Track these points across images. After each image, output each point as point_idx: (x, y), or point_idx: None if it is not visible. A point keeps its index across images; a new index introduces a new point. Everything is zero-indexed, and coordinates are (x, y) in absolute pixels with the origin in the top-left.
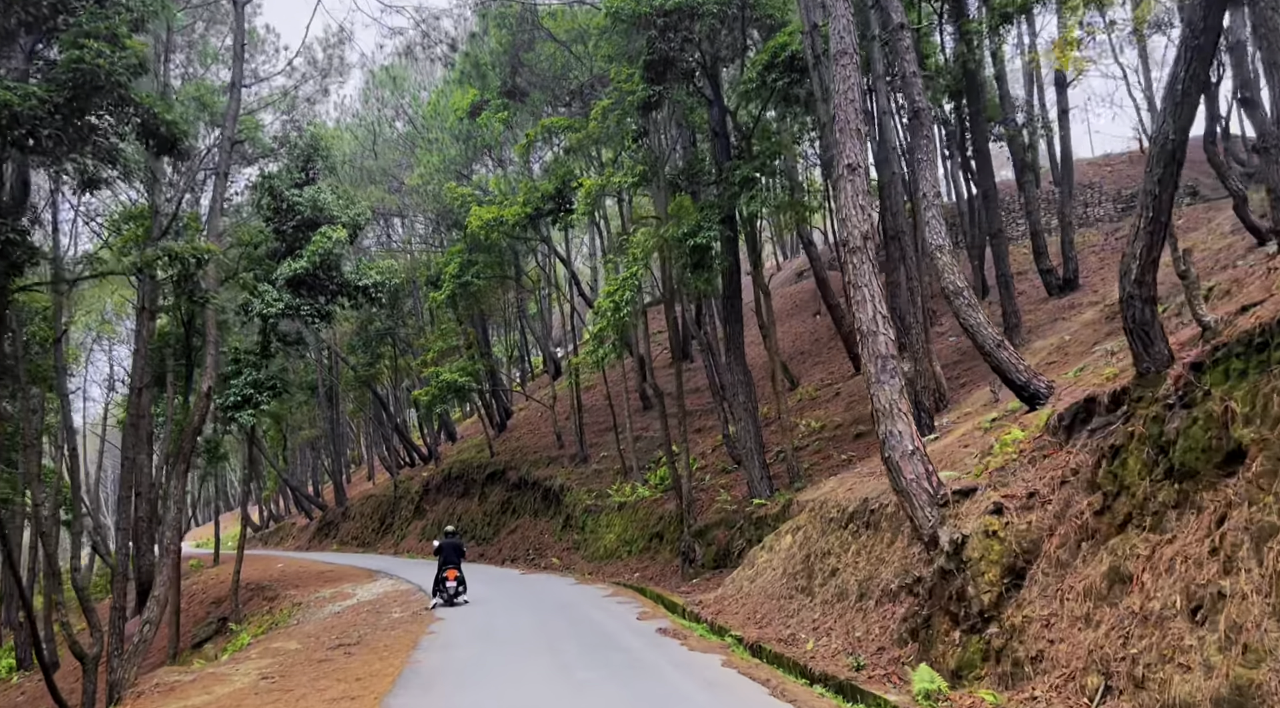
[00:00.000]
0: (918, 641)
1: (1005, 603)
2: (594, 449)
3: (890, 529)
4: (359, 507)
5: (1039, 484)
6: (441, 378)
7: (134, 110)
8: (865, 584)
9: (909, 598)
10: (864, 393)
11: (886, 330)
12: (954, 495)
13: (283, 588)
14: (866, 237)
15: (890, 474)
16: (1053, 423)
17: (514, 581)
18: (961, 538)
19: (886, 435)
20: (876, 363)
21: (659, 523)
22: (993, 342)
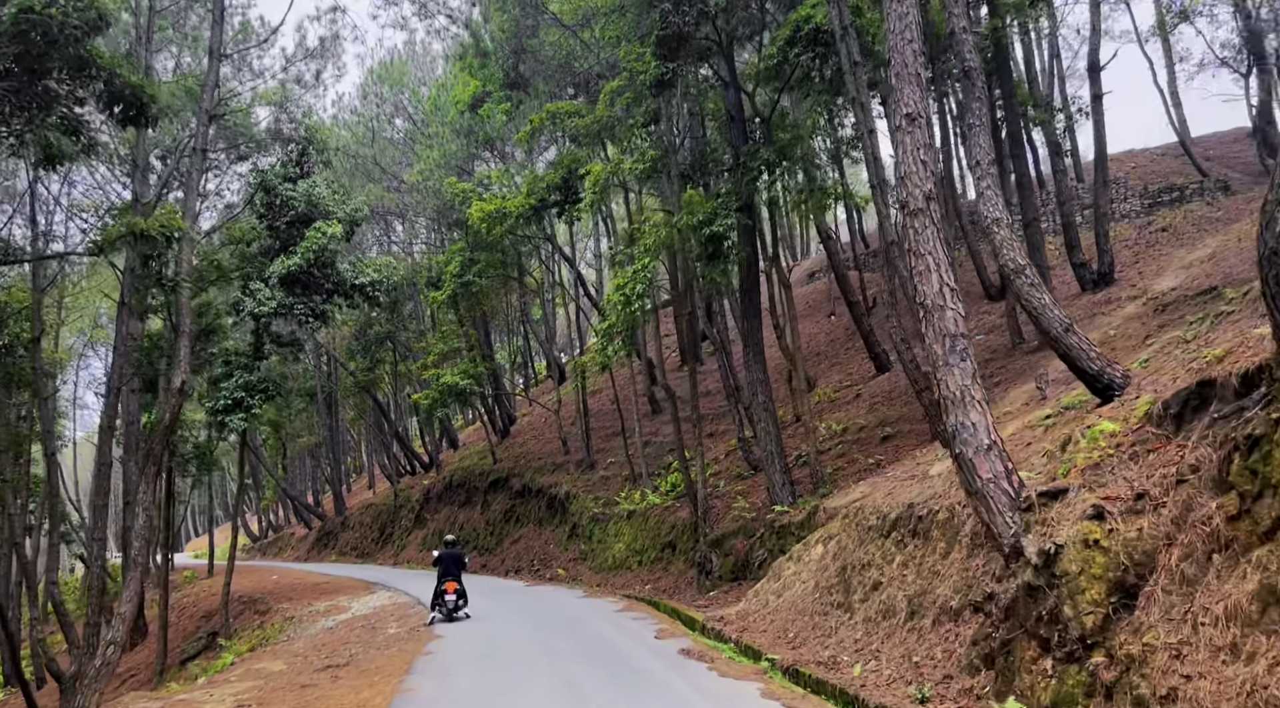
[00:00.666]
0: (994, 668)
1: (1114, 627)
2: (601, 455)
3: (944, 538)
4: (358, 516)
5: (1147, 484)
6: (442, 381)
7: (95, 72)
8: (917, 600)
9: (977, 618)
10: (888, 394)
11: (955, 305)
12: (1039, 498)
13: (276, 601)
14: (929, 197)
15: (961, 473)
16: (1156, 412)
17: (518, 593)
18: (1054, 549)
19: (957, 428)
20: (944, 343)
21: (671, 532)
22: (1060, 325)
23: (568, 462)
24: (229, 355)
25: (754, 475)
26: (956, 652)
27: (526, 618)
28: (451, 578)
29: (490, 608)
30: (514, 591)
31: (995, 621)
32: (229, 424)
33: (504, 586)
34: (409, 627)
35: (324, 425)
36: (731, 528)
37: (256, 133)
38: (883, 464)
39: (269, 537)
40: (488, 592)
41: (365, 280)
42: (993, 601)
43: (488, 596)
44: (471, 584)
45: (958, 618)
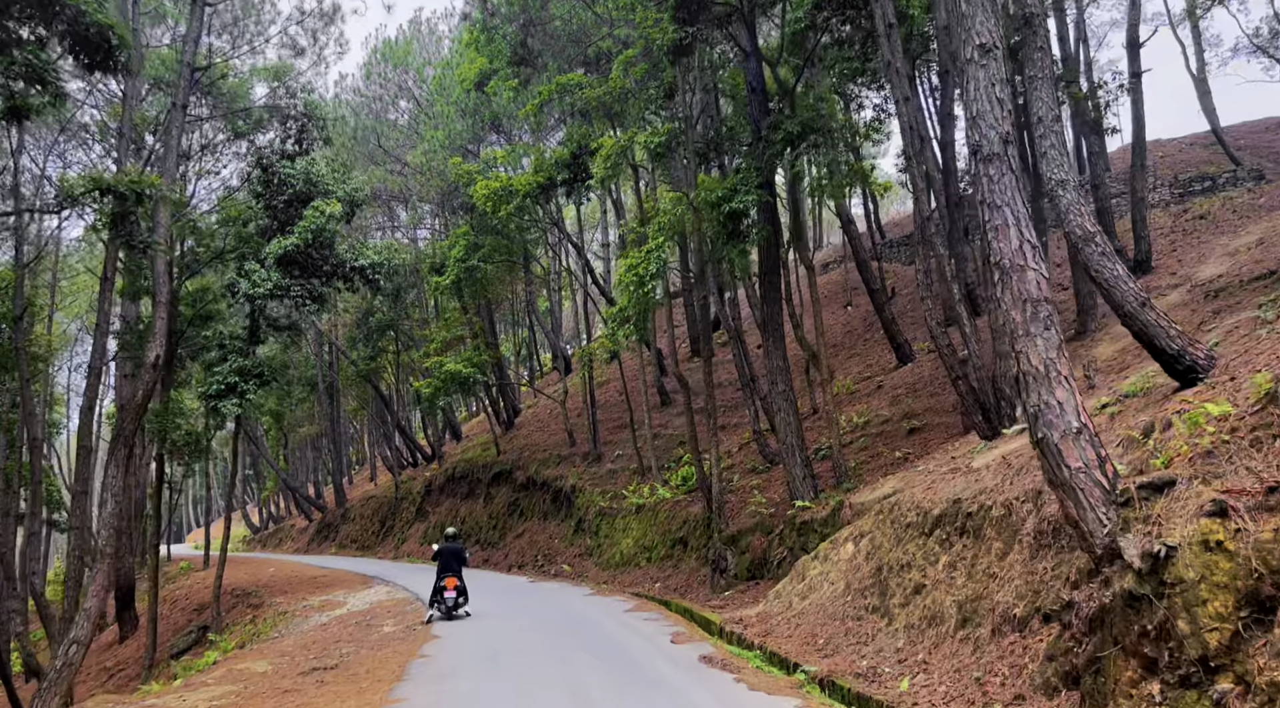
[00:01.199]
0: (1079, 689)
1: (1246, 647)
2: (608, 447)
3: (1000, 537)
4: (359, 508)
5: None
6: (445, 368)
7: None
8: (969, 607)
9: (1049, 629)
10: (912, 386)
11: (1038, 265)
12: (1140, 492)
13: (270, 595)
14: (1007, 140)
15: (1045, 461)
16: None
17: (522, 590)
18: (1164, 551)
19: (1040, 409)
20: (1024, 309)
21: (682, 528)
22: (1136, 300)
23: (574, 454)
24: (223, 339)
25: (770, 469)
26: (1027, 668)
27: (531, 618)
28: (451, 574)
29: (492, 606)
30: (517, 587)
31: (1077, 634)
32: (222, 410)
33: (507, 582)
34: (406, 625)
35: (325, 416)
36: (748, 524)
37: (253, 107)
38: (910, 458)
39: (269, 528)
40: (490, 589)
41: (365, 263)
42: (1073, 610)
43: (490, 593)
44: (473, 580)
45: (1023, 628)
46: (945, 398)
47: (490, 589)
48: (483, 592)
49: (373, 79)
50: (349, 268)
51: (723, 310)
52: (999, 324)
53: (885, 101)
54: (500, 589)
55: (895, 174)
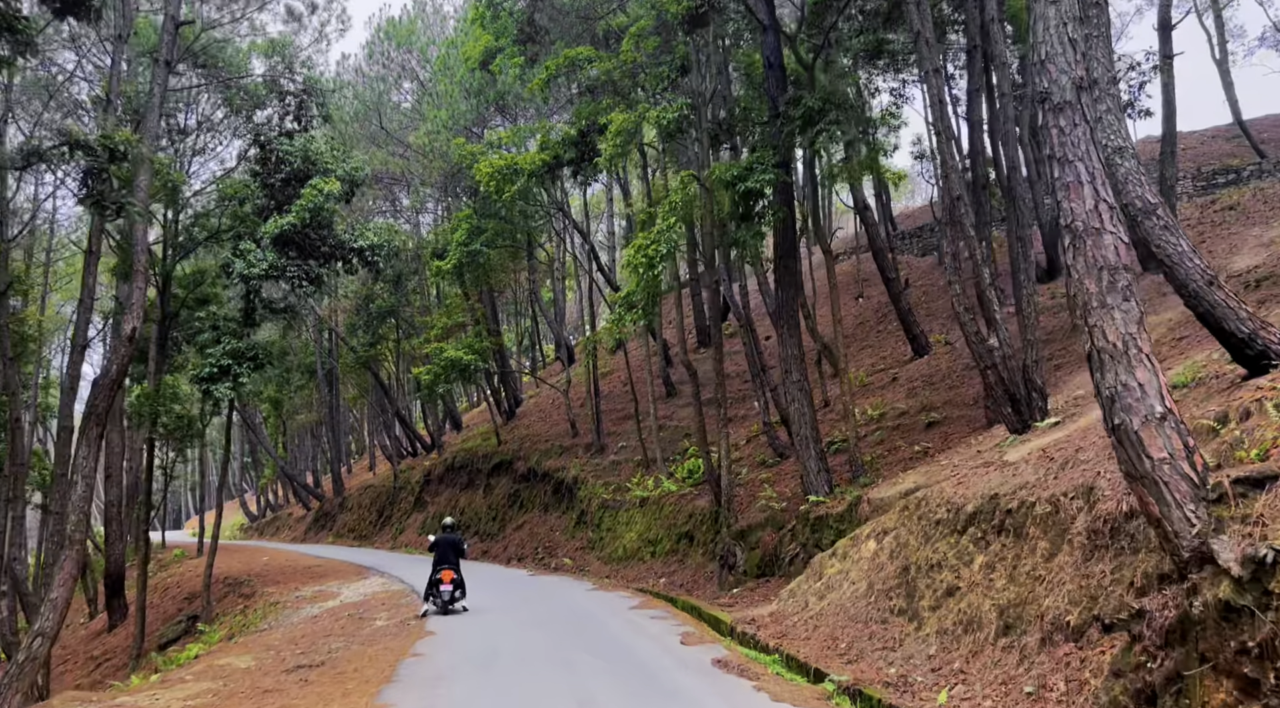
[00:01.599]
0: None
1: None
2: (612, 438)
3: (1047, 536)
4: (357, 498)
5: None
6: (445, 355)
7: None
8: (1012, 612)
9: (1113, 639)
10: (928, 378)
11: (1115, 228)
12: (1235, 487)
13: (262, 585)
14: (1080, 86)
15: (1122, 451)
16: None
17: (521, 584)
18: (1272, 555)
19: (1117, 391)
20: (1099, 278)
21: (688, 522)
22: (1202, 277)
23: (576, 445)
24: (217, 321)
25: (779, 463)
26: (1088, 683)
27: (531, 614)
28: (448, 566)
29: (491, 600)
30: (517, 581)
31: (1151, 647)
32: (214, 393)
33: (506, 575)
34: (400, 619)
35: (324, 403)
36: (758, 519)
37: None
38: (931, 452)
39: (267, 516)
40: (489, 582)
41: (364, 244)
42: (1144, 620)
43: (488, 586)
44: (471, 573)
45: (1079, 638)
46: (965, 391)
47: (489, 582)
48: (481, 585)
49: (375, 59)
50: (348, 249)
51: (733, 298)
52: (1074, 291)
53: (902, 86)
54: (499, 582)
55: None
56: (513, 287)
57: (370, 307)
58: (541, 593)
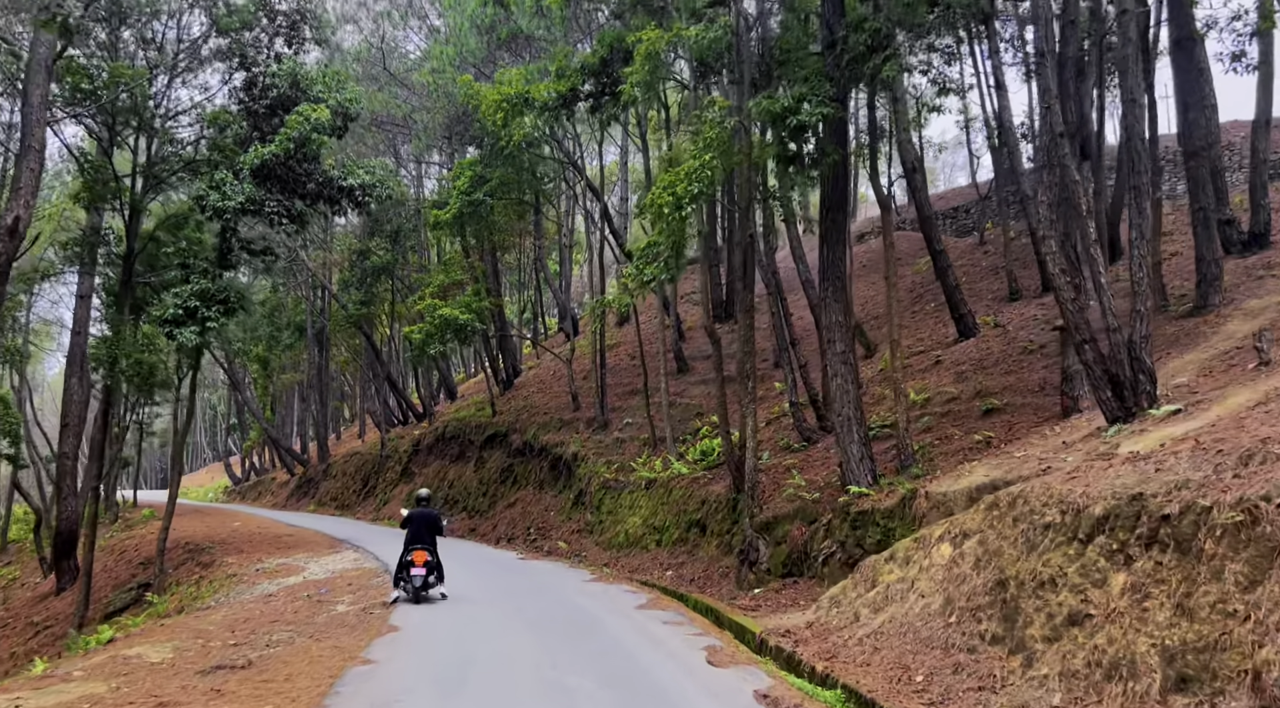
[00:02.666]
0: None
1: None
2: (616, 415)
3: (1240, 556)
4: (342, 465)
5: None
6: (439, 313)
7: None
8: (1191, 660)
9: None
10: (979, 362)
11: None
12: None
13: (225, 553)
14: None
15: None
16: None
17: (510, 569)
18: None
19: None
20: None
21: (700, 509)
22: None
23: (577, 419)
24: (187, 258)
25: (807, 448)
26: None
27: (518, 609)
28: (422, 546)
29: (472, 588)
30: (505, 565)
31: None
32: (179, 338)
33: (493, 557)
34: (364, 605)
35: (313, 364)
36: (785, 510)
37: None
38: (995, 442)
39: (250, 480)
40: (473, 564)
41: (355, 183)
42: None
43: (472, 570)
44: (456, 553)
45: None
46: (1026, 376)
47: (473, 565)
48: (464, 568)
49: None
50: (336, 187)
51: (759, 259)
52: None
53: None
54: (485, 566)
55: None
56: (517, 250)
57: (365, 262)
58: (533, 582)
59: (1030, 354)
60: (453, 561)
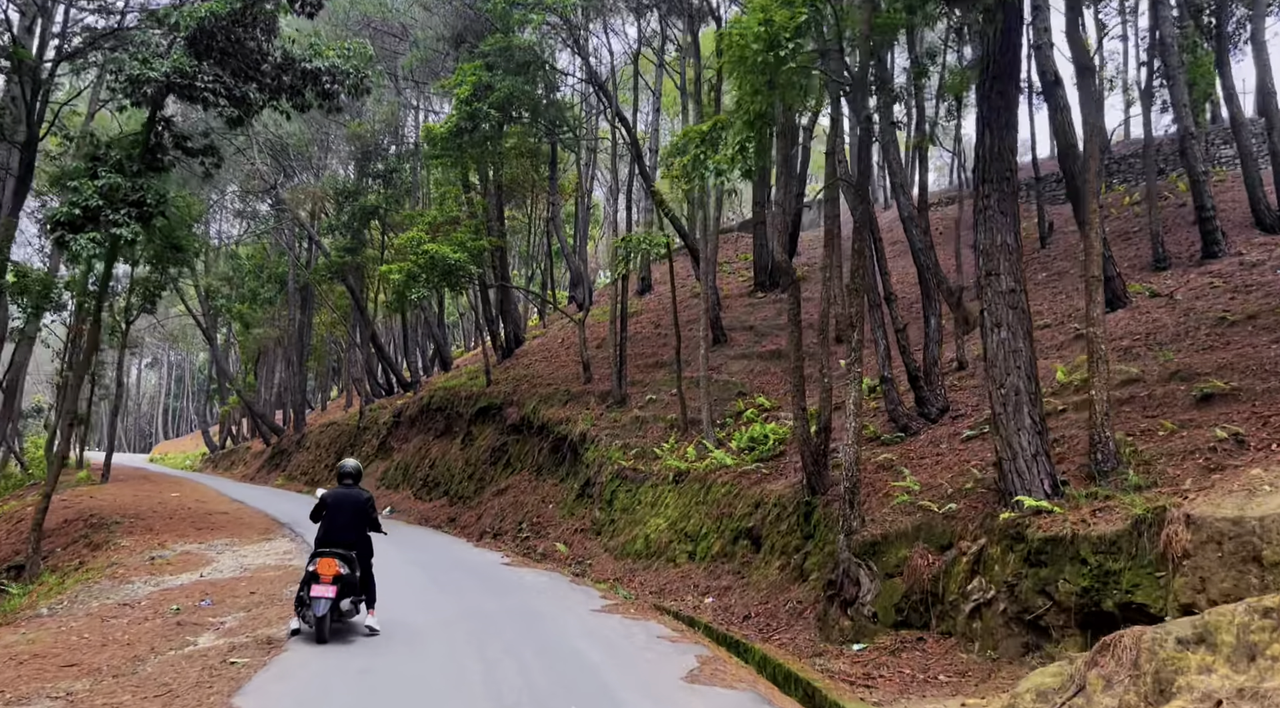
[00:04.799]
0: None
1: None
2: (637, 390)
3: None
4: (316, 436)
5: None
6: (424, 249)
7: None
8: None
9: None
10: (1148, 336)
11: None
12: None
13: (129, 532)
14: None
15: None
16: None
17: (489, 582)
18: None
19: None
20: None
21: (753, 513)
22: None
23: (587, 393)
24: (99, 149)
25: (905, 439)
26: None
27: (489, 665)
28: (335, 552)
29: (424, 615)
30: (484, 574)
31: None
32: (73, 249)
33: (471, 560)
34: (247, 636)
35: (293, 323)
36: (897, 526)
37: None
38: (1252, 440)
39: (226, 448)
40: (441, 569)
41: (322, 65)
42: None
43: (437, 579)
44: (423, 549)
45: None
46: (1249, 352)
47: (441, 572)
48: (427, 575)
49: None
50: (299, 72)
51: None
52: None
53: None
54: (456, 575)
55: None
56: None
57: (354, 203)
58: (518, 607)
59: (1234, 327)
60: (418, 562)
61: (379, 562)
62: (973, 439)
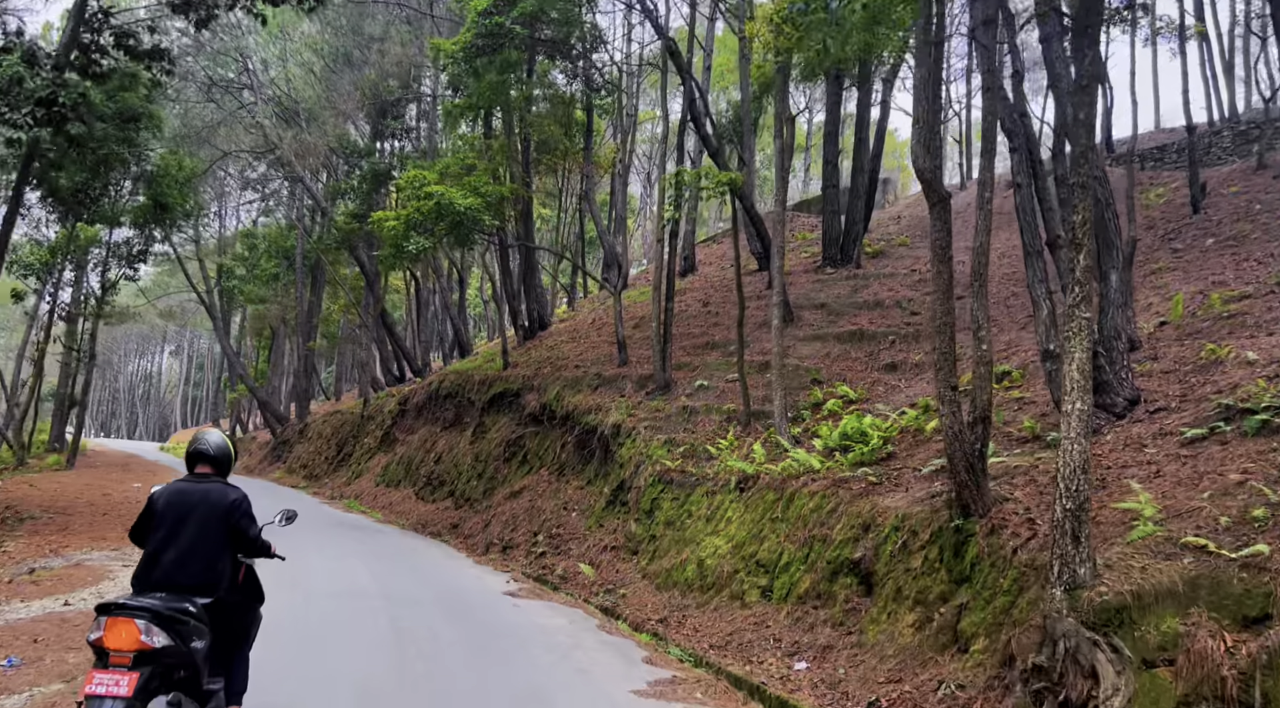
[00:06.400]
0: None
1: None
2: (683, 374)
3: None
4: (319, 427)
5: None
6: (426, 191)
7: None
8: None
9: None
10: None
11: None
12: None
13: (38, 530)
14: None
15: None
16: None
17: (476, 635)
18: None
19: None
20: None
21: (861, 539)
22: None
23: (622, 377)
24: (11, 39)
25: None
26: None
27: None
28: (153, 604)
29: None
30: (479, 613)
31: None
32: None
33: (466, 587)
34: None
35: (301, 303)
36: (1153, 581)
37: None
38: None
39: (233, 438)
40: (411, 606)
41: None
42: None
43: (400, 623)
44: (402, 566)
45: None
46: None
47: (411, 609)
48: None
49: None
50: None
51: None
52: None
53: None
54: (435, 613)
55: None
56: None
57: (366, 164)
58: (521, 693)
59: None
60: (377, 594)
61: (312, 589)
62: (1202, 442)
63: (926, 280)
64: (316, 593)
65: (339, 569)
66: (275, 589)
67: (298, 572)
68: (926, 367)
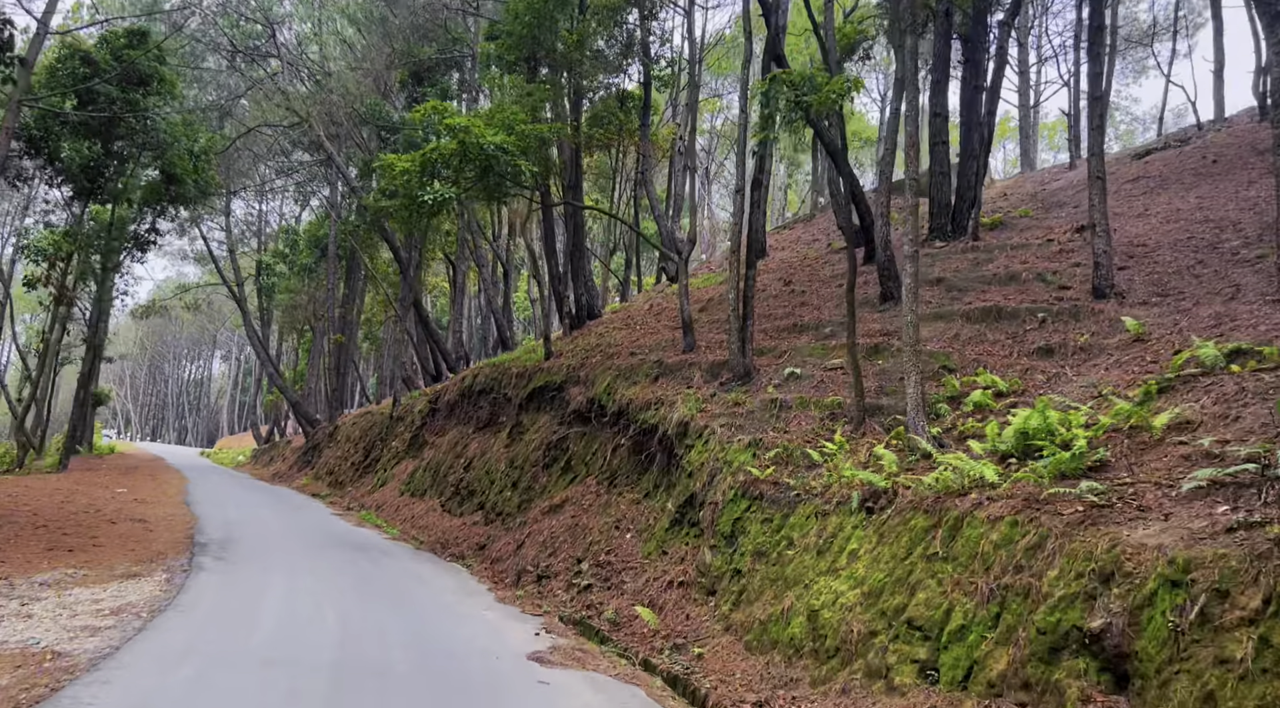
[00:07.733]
0: None
1: None
2: (767, 360)
3: None
4: (348, 429)
5: None
6: (447, 122)
7: None
8: None
9: None
10: None
11: None
12: None
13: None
14: None
15: None
16: None
17: None
18: None
19: None
20: None
21: (1098, 596)
22: None
23: (689, 364)
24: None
25: None
26: None
27: None
28: None
29: None
30: (487, 696)
31: None
32: None
33: (475, 642)
34: None
35: (333, 295)
36: None
37: None
38: None
39: (269, 442)
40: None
41: None
42: None
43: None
44: (394, 606)
45: None
46: None
47: (373, 685)
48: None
49: None
50: None
51: None
52: None
53: None
54: (410, 701)
55: None
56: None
57: (396, 137)
58: None
59: None
60: (332, 664)
61: (224, 652)
62: None
63: (1069, 251)
64: (227, 659)
65: (295, 614)
66: (166, 652)
67: (233, 618)
68: (1098, 350)
